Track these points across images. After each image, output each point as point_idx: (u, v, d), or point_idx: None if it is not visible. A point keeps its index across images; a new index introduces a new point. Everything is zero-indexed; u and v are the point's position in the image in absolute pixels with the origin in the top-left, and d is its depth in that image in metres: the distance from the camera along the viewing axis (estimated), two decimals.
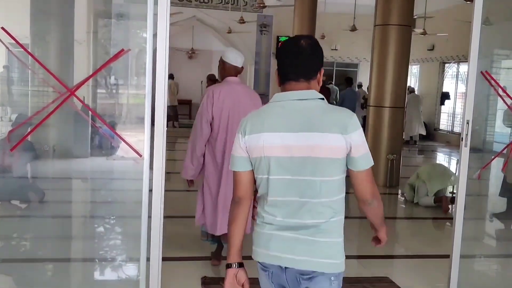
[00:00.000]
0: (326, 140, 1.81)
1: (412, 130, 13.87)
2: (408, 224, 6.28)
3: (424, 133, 14.45)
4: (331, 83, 14.61)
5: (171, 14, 11.47)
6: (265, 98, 17.12)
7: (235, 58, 3.99)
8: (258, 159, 1.88)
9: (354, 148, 1.85)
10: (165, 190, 5.93)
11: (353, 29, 14.40)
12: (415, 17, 11.16)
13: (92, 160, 8.04)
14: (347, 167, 1.89)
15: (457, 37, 14.44)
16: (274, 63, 14.36)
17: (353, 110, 11.33)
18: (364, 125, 10.21)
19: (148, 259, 3.12)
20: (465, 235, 3.83)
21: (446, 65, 15.62)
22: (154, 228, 3.06)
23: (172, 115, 16.08)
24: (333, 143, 1.82)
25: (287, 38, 2.11)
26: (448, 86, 15.55)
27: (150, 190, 3.00)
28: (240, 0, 16.32)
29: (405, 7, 7.63)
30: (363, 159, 1.88)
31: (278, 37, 17.06)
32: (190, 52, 19.81)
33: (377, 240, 2.22)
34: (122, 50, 2.80)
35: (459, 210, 3.53)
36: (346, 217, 2.05)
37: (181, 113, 18.51)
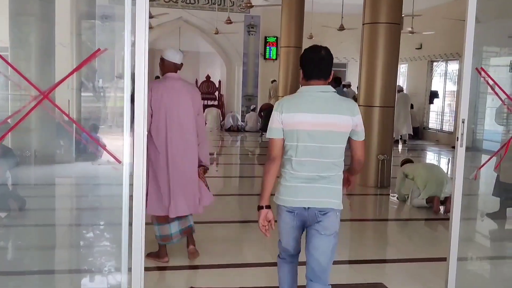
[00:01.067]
0: (340, 120, 2.66)
1: (401, 129, 13.79)
2: (400, 226, 6.14)
3: (411, 132, 14.39)
4: (350, 86, 14.47)
5: (157, 15, 11.28)
6: (253, 99, 17.02)
7: (173, 55, 4.12)
8: (291, 131, 2.68)
9: (357, 125, 2.72)
10: None
11: (341, 28, 14.30)
12: (403, 15, 11.09)
13: (77, 165, 7.85)
14: (350, 138, 2.74)
15: (445, 35, 14.41)
16: (262, 64, 14.34)
17: None
18: None
19: (130, 269, 2.95)
20: (460, 236, 3.71)
21: (434, 63, 15.57)
22: (135, 237, 2.89)
23: None
24: (345, 122, 2.67)
25: (311, 46, 2.88)
26: (436, 84, 15.51)
27: (131, 196, 2.84)
28: (227, 0, 16.16)
29: (394, 5, 7.52)
30: (362, 133, 2.77)
31: (266, 38, 16.95)
32: None
33: (347, 182, 2.96)
34: (98, 49, 2.63)
35: (455, 212, 3.40)
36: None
37: None
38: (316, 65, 2.76)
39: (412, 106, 14.59)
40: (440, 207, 6.24)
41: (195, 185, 4.11)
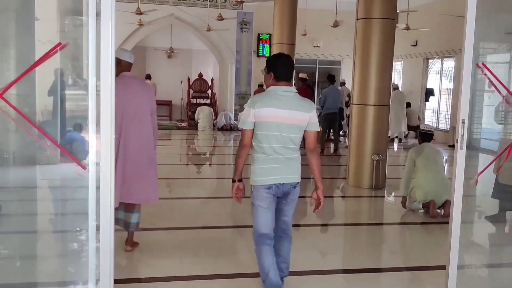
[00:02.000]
0: (300, 115, 3.32)
1: (397, 128, 13.56)
2: (397, 230, 5.83)
3: (406, 131, 14.18)
4: (345, 84, 14.21)
5: (146, 12, 10.97)
6: (247, 97, 16.71)
7: (129, 56, 4.46)
8: (262, 123, 3.29)
9: (311, 119, 3.36)
10: None
11: (336, 25, 14.04)
12: (398, 11, 10.84)
13: (61, 166, 7.56)
14: (305, 129, 3.38)
15: (441, 32, 14.20)
16: (255, 61, 14.08)
17: (337, 108, 11.03)
18: (348, 124, 9.83)
19: (97, 281, 2.68)
20: (460, 242, 3.46)
21: (430, 61, 15.35)
22: (103, 247, 2.62)
23: None
24: (303, 117, 3.33)
25: (279, 53, 3.56)
26: (432, 82, 15.28)
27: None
28: None
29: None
30: (315, 125, 3.41)
31: (259, 35, 16.67)
32: (169, 51, 19.30)
33: (316, 201, 3.62)
34: (59, 44, 2.36)
35: (455, 219, 3.16)
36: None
37: (161, 114, 18.03)
38: (284, 70, 3.39)
39: (409, 105, 14.35)
40: (438, 210, 5.95)
41: (147, 178, 4.31)
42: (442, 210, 5.93)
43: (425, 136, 6.55)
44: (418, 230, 5.72)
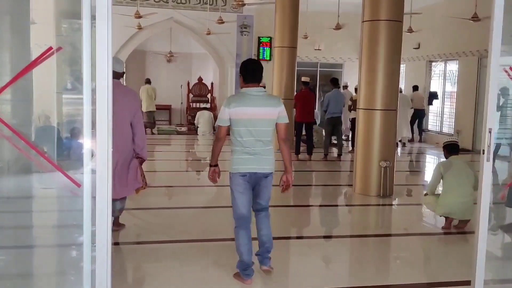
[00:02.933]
0: (269, 111, 3.83)
1: (401, 132, 13.34)
2: (408, 242, 5.52)
3: (410, 135, 13.98)
4: (347, 87, 13.93)
5: (145, 15, 10.79)
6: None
7: (119, 66, 4.83)
8: (237, 120, 3.77)
9: (280, 113, 3.88)
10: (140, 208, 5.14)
11: (337, 27, 13.83)
12: None
13: (58, 174, 7.32)
14: (276, 122, 3.89)
15: (444, 34, 13.99)
16: None
17: (340, 112, 10.78)
18: (353, 129, 9.60)
19: None
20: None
21: (433, 63, 15.13)
22: (99, 270, 2.38)
23: (150, 121, 15.35)
24: (272, 112, 3.84)
25: (249, 59, 4.08)
26: (435, 85, 15.07)
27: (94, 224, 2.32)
28: (219, 0, 15.67)
29: (395, 1, 7.03)
30: (284, 118, 3.92)
31: (259, 38, 16.45)
32: (168, 55, 19.08)
33: (285, 183, 4.07)
34: (50, 48, 2.13)
35: (481, 233, 2.92)
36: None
37: (160, 119, 17.81)
38: (253, 73, 3.89)
39: (416, 88, 14.22)
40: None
41: (126, 175, 4.82)
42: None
43: (451, 148, 5.84)
44: (431, 241, 5.44)
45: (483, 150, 2.78)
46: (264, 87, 11.81)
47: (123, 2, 15.21)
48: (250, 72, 3.87)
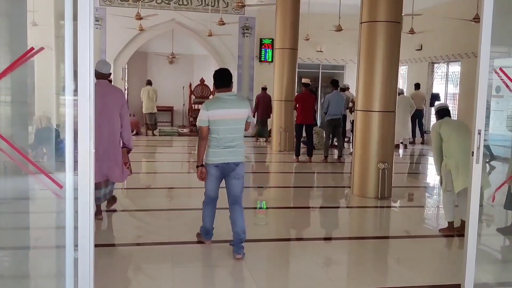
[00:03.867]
0: (240, 111, 4.48)
1: (402, 134, 13.29)
2: (406, 244, 5.46)
3: (410, 137, 13.92)
4: (348, 89, 13.85)
5: (146, 17, 10.87)
6: (249, 102, 16.44)
7: (99, 67, 5.41)
8: (214, 120, 4.41)
9: (248, 113, 4.54)
10: (142, 210, 5.16)
11: (339, 29, 13.80)
12: (402, 15, 10.59)
13: (57, 176, 7.31)
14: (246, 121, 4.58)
15: (446, 36, 13.93)
16: (258, 66, 13.88)
17: (340, 113, 10.74)
18: (352, 130, 9.57)
19: None
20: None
21: (435, 65, 15.07)
22: (81, 274, 2.36)
23: (151, 123, 15.36)
24: (243, 112, 4.50)
25: (220, 68, 4.80)
26: (437, 87, 15.01)
27: (76, 228, 2.30)
28: (221, 1, 15.66)
29: (394, 2, 7.00)
30: (250, 117, 4.60)
31: (261, 39, 16.44)
32: (170, 56, 19.08)
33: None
34: (32, 48, 2.12)
35: (471, 237, 2.88)
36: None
37: (162, 121, 17.81)
38: (223, 81, 4.55)
39: (418, 86, 14.23)
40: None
41: (115, 160, 5.47)
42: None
43: (443, 113, 5.63)
44: (432, 243, 5.38)
45: (472, 152, 2.75)
46: (348, 88, 11.83)
47: (124, 3, 15.25)
48: (220, 80, 4.56)
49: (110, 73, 5.67)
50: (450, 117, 5.65)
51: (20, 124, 6.68)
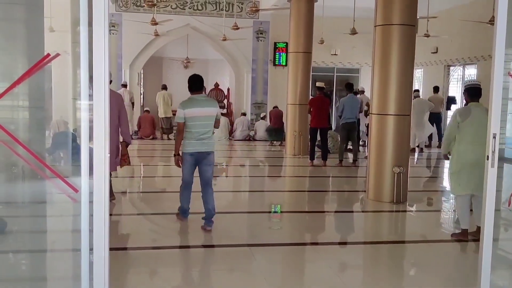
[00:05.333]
0: (210, 110, 5.46)
1: (417, 137, 13.18)
2: (422, 249, 5.37)
3: (427, 141, 13.80)
4: (363, 92, 13.76)
5: (161, 22, 11.09)
6: (263, 107, 16.52)
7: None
8: (189, 117, 5.34)
9: (218, 112, 5.55)
10: (157, 213, 5.21)
11: (353, 32, 13.76)
12: (418, 18, 10.52)
13: (74, 180, 7.39)
14: (216, 118, 5.52)
15: (462, 38, 13.82)
16: (272, 70, 13.92)
17: (355, 117, 10.70)
18: (368, 134, 9.50)
19: None
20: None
21: (451, 68, 14.95)
22: (97, 271, 2.38)
23: (167, 127, 15.45)
24: (212, 111, 5.47)
25: (193, 74, 5.66)
26: (453, 90, 14.87)
27: (91, 231, 2.32)
28: (235, 6, 15.73)
29: (408, 5, 6.95)
30: (219, 116, 5.58)
31: (275, 43, 16.48)
32: (185, 61, 19.20)
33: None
34: (48, 55, 2.15)
35: (486, 241, 2.85)
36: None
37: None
38: (195, 85, 5.47)
39: (437, 89, 14.11)
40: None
41: (113, 153, 6.18)
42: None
43: (473, 92, 5.29)
44: (445, 248, 5.31)
45: (487, 156, 2.72)
46: (363, 92, 12.32)
47: (140, 9, 15.39)
48: (194, 84, 5.47)
49: (111, 80, 5.95)
50: (480, 97, 5.26)
51: (38, 129, 6.78)
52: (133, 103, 14.93)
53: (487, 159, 2.74)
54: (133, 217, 6.41)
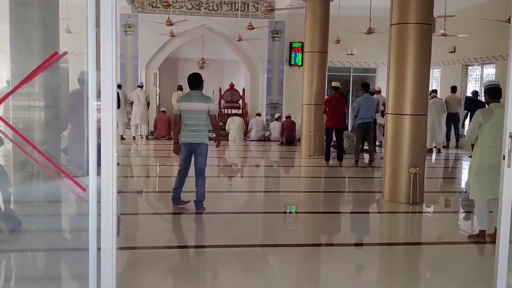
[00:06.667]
0: (203, 105, 6.09)
1: (434, 138, 13.00)
2: (439, 251, 5.28)
3: (444, 141, 13.62)
4: (380, 92, 13.60)
5: (177, 23, 11.26)
6: (278, 107, 16.48)
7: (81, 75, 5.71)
8: (184, 110, 6.11)
9: (210, 107, 6.15)
10: (170, 213, 5.18)
11: (370, 31, 13.64)
12: (435, 17, 10.36)
13: (87, 179, 7.43)
14: (209, 114, 6.20)
15: (480, 37, 13.61)
16: (287, 71, 13.89)
17: (371, 117, 10.57)
18: (384, 134, 9.41)
19: None
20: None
21: (469, 67, 14.72)
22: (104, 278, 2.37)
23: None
24: (204, 106, 6.10)
25: (192, 73, 6.36)
26: (472, 90, 14.63)
27: (99, 229, 2.31)
28: (250, 6, 15.71)
29: (425, 3, 6.85)
30: (213, 111, 6.23)
31: (291, 43, 16.42)
32: (201, 62, 19.24)
33: (215, 142, 6.67)
34: (55, 53, 2.14)
35: (502, 247, 2.77)
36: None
37: None
38: (191, 83, 6.13)
39: (455, 89, 13.84)
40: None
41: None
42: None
43: (493, 93, 5.21)
44: (461, 250, 5.21)
45: (504, 156, 2.65)
46: (379, 91, 12.44)
47: (156, 10, 15.46)
48: (190, 83, 6.14)
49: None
50: (501, 97, 5.13)
51: (54, 128, 6.82)
52: (148, 103, 14.99)
53: (503, 158, 2.67)
54: (148, 216, 6.42)
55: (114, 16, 2.23)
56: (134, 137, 14.77)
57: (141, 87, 14.92)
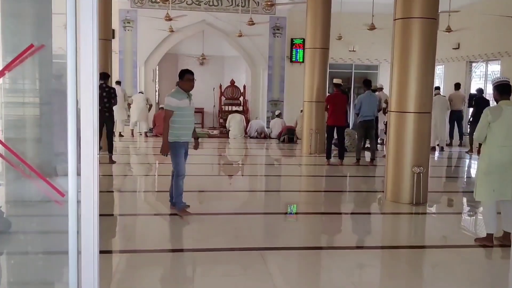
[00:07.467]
0: (193, 103, 6.06)
1: (438, 135, 12.80)
2: (445, 255, 5.04)
3: (448, 139, 13.43)
4: (382, 89, 13.32)
5: (176, 18, 11.14)
6: (279, 104, 16.27)
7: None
8: (179, 107, 5.78)
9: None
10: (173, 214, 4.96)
11: (372, 28, 13.43)
12: (439, 12, 10.17)
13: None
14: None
15: (485, 33, 13.39)
16: (288, 67, 13.69)
17: (373, 114, 10.37)
18: (386, 132, 9.23)
19: None
20: None
21: (473, 64, 14.51)
22: (86, 275, 2.18)
23: None
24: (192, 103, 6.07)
25: (184, 69, 6.11)
26: (476, 86, 14.43)
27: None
28: (251, 1, 15.50)
29: None
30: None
31: (292, 40, 16.21)
32: (200, 58, 19.04)
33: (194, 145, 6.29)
34: (31, 46, 1.96)
35: None
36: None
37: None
38: (190, 79, 5.92)
39: (458, 86, 13.62)
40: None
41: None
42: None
43: (503, 89, 5.00)
44: (467, 253, 5.00)
45: None
46: (382, 89, 12.16)
47: (155, 5, 15.25)
48: (187, 80, 5.88)
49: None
50: (510, 94, 4.98)
51: (47, 126, 6.63)
52: (150, 105, 14.90)
53: None
54: (143, 217, 6.24)
55: (95, 13, 2.04)
56: (132, 132, 14.57)
57: (141, 92, 14.87)
